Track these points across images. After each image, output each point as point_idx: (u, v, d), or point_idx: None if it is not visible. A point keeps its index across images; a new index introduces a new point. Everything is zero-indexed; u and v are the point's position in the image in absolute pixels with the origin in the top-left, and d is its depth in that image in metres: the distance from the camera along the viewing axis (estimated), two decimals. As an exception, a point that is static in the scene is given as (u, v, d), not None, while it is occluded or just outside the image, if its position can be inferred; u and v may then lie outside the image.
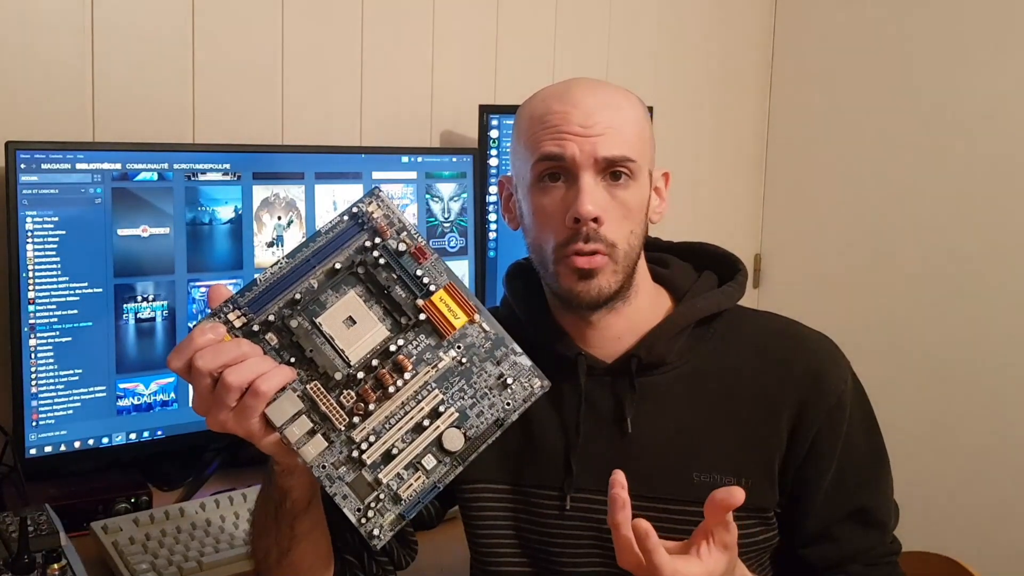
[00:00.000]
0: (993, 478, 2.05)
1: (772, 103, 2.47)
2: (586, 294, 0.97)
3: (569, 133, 0.96)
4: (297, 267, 0.84)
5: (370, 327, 0.84)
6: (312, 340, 0.83)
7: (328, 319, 0.84)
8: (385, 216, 0.85)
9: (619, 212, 0.97)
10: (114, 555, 1.16)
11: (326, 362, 0.83)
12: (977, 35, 2.06)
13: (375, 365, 0.83)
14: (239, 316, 0.82)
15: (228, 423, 0.80)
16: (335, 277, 0.84)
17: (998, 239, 2.05)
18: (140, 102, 1.49)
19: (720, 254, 1.11)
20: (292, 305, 0.83)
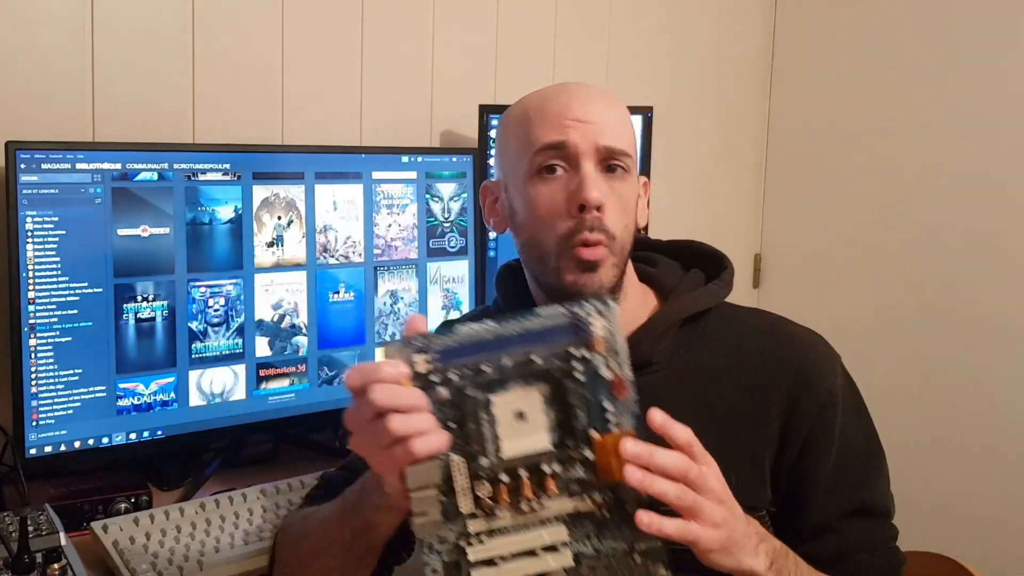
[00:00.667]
0: (993, 478, 2.05)
1: (772, 103, 2.47)
2: (589, 287, 0.96)
3: (571, 120, 0.96)
4: (500, 338, 0.81)
5: (536, 431, 0.81)
6: (478, 416, 0.81)
7: (502, 403, 0.81)
8: (605, 335, 0.82)
9: (617, 204, 0.97)
10: (114, 555, 1.16)
11: (480, 444, 0.80)
12: (977, 35, 2.06)
13: (520, 474, 0.80)
14: (426, 363, 0.80)
15: (370, 453, 0.80)
16: (528, 367, 0.82)
17: (998, 239, 2.05)
18: (140, 102, 1.49)
19: (708, 252, 1.11)
20: (477, 374, 0.81)
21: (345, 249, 1.54)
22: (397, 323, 1.60)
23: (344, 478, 1.08)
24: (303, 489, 1.31)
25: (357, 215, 1.55)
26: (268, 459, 1.54)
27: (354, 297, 1.55)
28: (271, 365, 1.48)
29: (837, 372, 1.02)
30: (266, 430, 1.52)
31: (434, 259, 1.64)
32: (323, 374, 1.53)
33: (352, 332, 1.55)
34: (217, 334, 1.42)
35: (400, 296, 1.60)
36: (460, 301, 1.67)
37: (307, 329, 1.50)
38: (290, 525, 1.06)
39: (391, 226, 1.58)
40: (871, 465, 1.04)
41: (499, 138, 1.06)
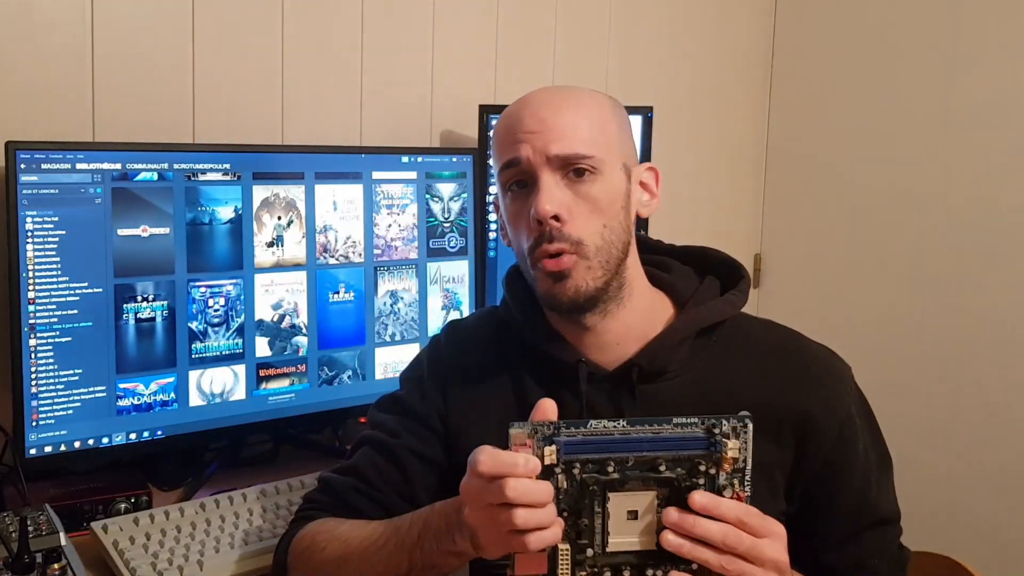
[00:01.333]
0: (993, 478, 2.05)
1: (772, 103, 2.47)
2: (563, 295, 0.97)
3: (523, 133, 0.97)
4: (628, 440, 0.83)
5: (646, 532, 0.83)
6: (592, 507, 0.82)
7: (618, 500, 0.83)
8: (736, 455, 0.83)
9: (585, 208, 0.97)
10: (114, 555, 1.16)
11: (589, 533, 0.82)
12: (977, 35, 2.06)
13: (622, 572, 0.83)
14: (552, 455, 0.82)
15: (484, 531, 0.82)
16: (650, 470, 0.83)
17: (998, 239, 2.05)
18: (140, 102, 1.49)
19: (722, 259, 1.10)
20: (601, 472, 0.82)
21: (345, 249, 1.54)
22: (397, 323, 1.60)
23: (348, 483, 1.07)
24: (303, 489, 1.31)
25: (357, 215, 1.55)
26: (268, 459, 1.55)
27: (354, 297, 1.55)
28: (271, 365, 1.48)
29: (852, 390, 1.02)
30: (266, 430, 1.52)
31: (434, 259, 1.64)
32: (323, 374, 1.53)
33: (352, 332, 1.55)
34: (217, 334, 1.42)
35: (400, 296, 1.60)
36: (460, 301, 1.67)
37: (307, 329, 1.50)
38: (317, 544, 1.02)
39: (391, 226, 1.58)
40: (884, 475, 1.05)
41: None
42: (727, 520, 0.81)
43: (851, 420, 1.00)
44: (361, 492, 1.06)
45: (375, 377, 1.58)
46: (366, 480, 1.06)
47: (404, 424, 1.08)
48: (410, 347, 1.61)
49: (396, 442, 1.07)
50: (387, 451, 1.07)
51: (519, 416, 0.86)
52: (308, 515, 1.07)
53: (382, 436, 1.08)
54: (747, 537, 0.81)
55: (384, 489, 1.06)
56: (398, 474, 1.06)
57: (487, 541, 0.82)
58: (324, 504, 1.08)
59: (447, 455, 1.07)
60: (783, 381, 1.00)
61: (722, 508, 0.81)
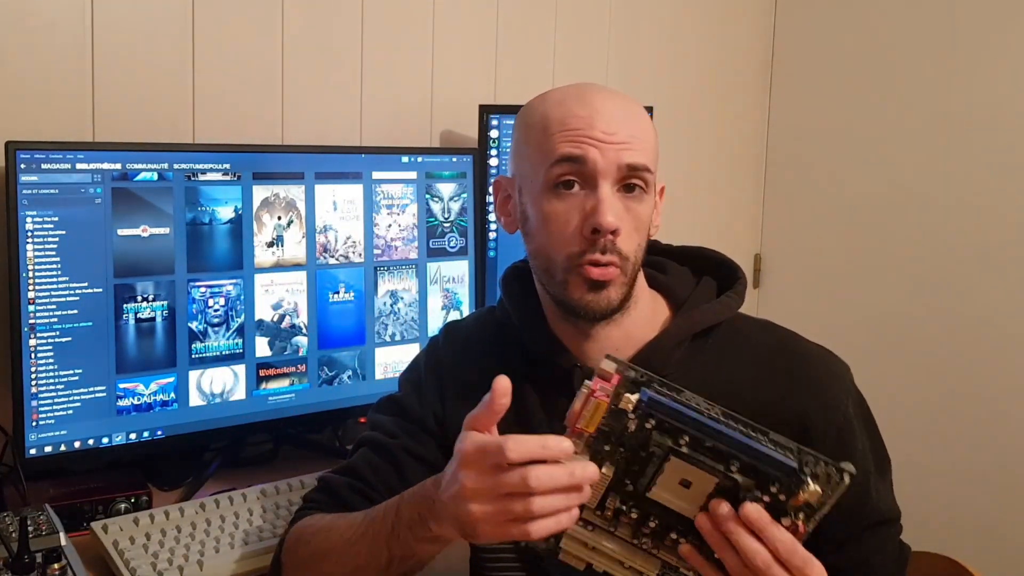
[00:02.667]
0: (993, 478, 2.05)
1: (772, 103, 2.47)
2: (595, 305, 0.96)
3: (591, 138, 0.93)
4: (714, 427, 0.79)
5: (691, 501, 0.80)
6: (649, 459, 0.80)
7: (677, 466, 0.79)
8: (811, 498, 0.79)
9: (632, 224, 0.96)
10: (114, 555, 1.16)
11: (634, 474, 0.80)
12: (977, 35, 2.06)
13: (650, 513, 0.81)
14: (630, 403, 0.79)
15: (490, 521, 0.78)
16: (721, 464, 0.79)
17: (998, 239, 2.05)
18: (140, 102, 1.49)
19: (719, 260, 1.10)
20: (674, 440, 0.79)
21: (345, 249, 1.54)
22: (397, 323, 1.60)
23: (345, 482, 1.07)
24: (303, 489, 1.31)
25: (357, 215, 1.55)
26: (268, 459, 1.55)
27: (354, 297, 1.55)
28: (271, 365, 1.48)
29: (851, 391, 1.02)
30: (266, 430, 1.52)
31: (434, 259, 1.64)
32: (323, 374, 1.53)
33: (352, 332, 1.55)
34: (217, 334, 1.42)
35: (400, 296, 1.60)
36: (460, 301, 1.67)
37: (307, 329, 1.50)
38: (302, 538, 1.03)
39: (391, 226, 1.58)
40: (883, 475, 1.04)
41: (516, 136, 1.03)
42: (769, 545, 0.78)
43: (849, 421, 1.00)
44: (357, 491, 1.06)
45: (375, 377, 1.58)
46: (363, 479, 1.06)
47: (402, 426, 1.08)
48: (410, 347, 1.61)
49: (394, 442, 1.07)
50: (385, 451, 1.07)
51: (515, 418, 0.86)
52: (305, 515, 1.08)
53: (380, 437, 1.08)
54: (779, 569, 0.78)
55: (380, 489, 1.06)
56: (395, 474, 1.06)
57: (487, 531, 0.79)
58: (322, 503, 1.08)
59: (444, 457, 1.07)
60: (781, 383, 0.99)
61: (769, 531, 0.78)
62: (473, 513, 0.78)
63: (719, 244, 1.13)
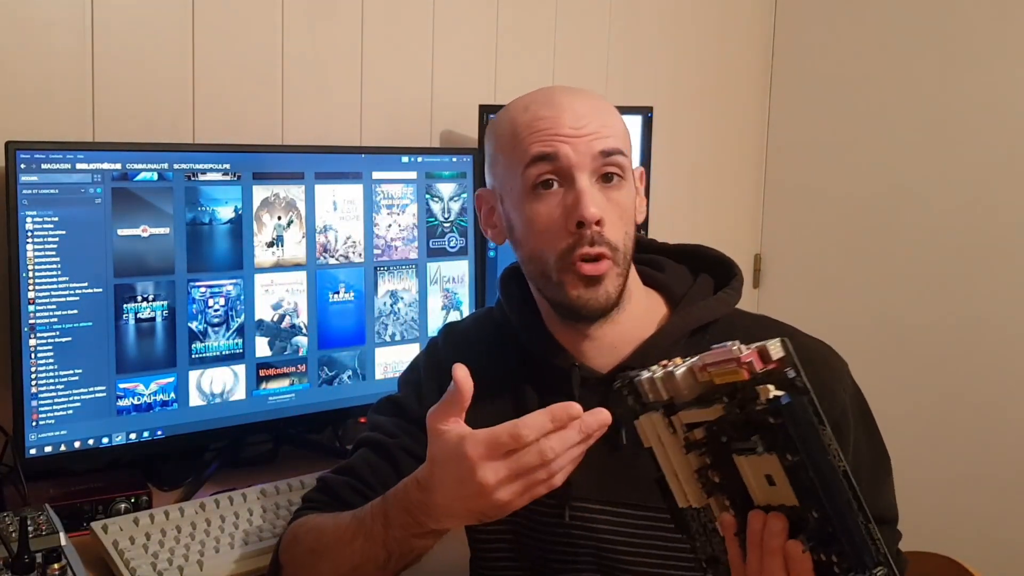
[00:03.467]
0: (993, 478, 2.05)
1: (772, 103, 2.47)
2: (595, 301, 0.96)
3: (560, 135, 0.95)
4: (832, 482, 0.74)
5: (761, 493, 0.77)
6: (755, 441, 0.75)
7: (774, 462, 0.74)
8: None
9: (615, 213, 0.96)
10: (114, 555, 1.16)
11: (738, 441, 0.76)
12: (977, 35, 2.06)
13: (729, 477, 0.78)
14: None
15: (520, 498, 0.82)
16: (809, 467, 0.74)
17: (998, 239, 2.05)
18: (140, 102, 1.49)
19: (715, 257, 1.10)
20: (795, 450, 0.73)
21: (345, 249, 1.54)
22: (397, 323, 1.60)
23: (344, 482, 1.07)
24: (303, 489, 1.31)
25: (357, 215, 1.55)
26: (268, 459, 1.54)
27: (354, 297, 1.55)
28: (271, 365, 1.48)
29: (847, 386, 1.01)
30: (266, 430, 1.52)
31: (434, 259, 1.64)
32: (323, 374, 1.53)
33: (352, 332, 1.55)
34: (217, 334, 1.42)
35: (400, 296, 1.60)
36: (460, 301, 1.67)
37: (307, 329, 1.50)
38: (298, 537, 1.03)
39: (391, 226, 1.58)
40: (880, 474, 1.04)
41: (488, 149, 1.04)
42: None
43: (845, 416, 0.99)
44: (356, 490, 1.06)
45: (375, 377, 1.58)
46: (362, 480, 1.06)
47: (401, 426, 1.09)
48: (410, 347, 1.61)
49: (393, 442, 1.07)
50: (384, 451, 1.07)
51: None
52: (303, 514, 1.08)
53: (380, 437, 1.08)
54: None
55: (379, 489, 1.05)
56: (394, 474, 1.06)
57: (516, 504, 0.82)
58: (321, 503, 1.08)
59: None
60: None
61: (798, 569, 0.75)
62: (501, 499, 0.81)
63: (719, 244, 1.13)
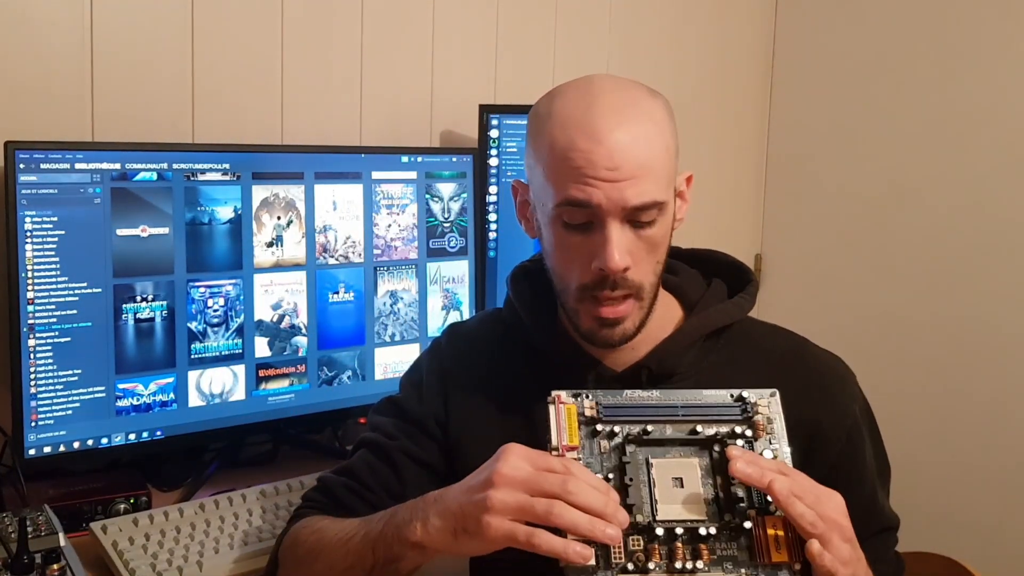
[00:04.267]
0: (993, 478, 2.05)
1: (772, 103, 2.47)
2: (609, 338, 0.96)
3: (595, 178, 0.90)
4: (666, 407, 0.85)
5: (693, 500, 0.82)
6: (637, 474, 0.83)
7: (661, 467, 0.83)
8: (768, 421, 0.85)
9: (645, 251, 0.94)
10: (113, 555, 1.16)
11: (637, 500, 0.82)
12: (978, 36, 2.06)
13: (677, 534, 0.81)
14: (592, 407, 0.84)
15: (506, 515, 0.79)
16: (691, 437, 0.84)
17: (998, 239, 2.05)
18: (140, 102, 1.49)
19: (729, 262, 1.10)
20: (641, 436, 0.84)
21: (345, 249, 1.54)
22: (397, 323, 1.60)
23: (342, 483, 1.07)
24: (303, 490, 1.31)
25: (357, 215, 1.54)
26: (267, 460, 1.54)
27: (354, 297, 1.55)
28: (271, 365, 1.48)
29: (857, 397, 1.02)
30: (265, 431, 1.52)
31: (434, 259, 1.64)
32: (323, 374, 1.53)
33: (352, 332, 1.55)
34: (216, 334, 1.42)
35: (400, 296, 1.60)
36: (460, 301, 1.67)
37: (307, 329, 1.50)
38: (300, 538, 1.03)
39: (391, 226, 1.58)
40: (884, 484, 1.04)
41: (526, 144, 1.00)
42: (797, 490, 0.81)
43: (857, 427, 0.99)
44: (354, 491, 1.06)
45: (375, 377, 1.58)
46: (360, 481, 1.06)
47: (401, 428, 1.08)
48: (410, 347, 1.61)
49: (392, 444, 1.07)
50: (383, 453, 1.07)
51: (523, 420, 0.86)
52: (302, 513, 1.08)
53: (379, 438, 1.08)
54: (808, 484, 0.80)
55: (377, 490, 1.05)
56: (392, 476, 1.06)
57: (492, 523, 0.78)
58: (319, 503, 1.08)
59: (446, 460, 1.07)
60: (790, 388, 0.97)
61: (762, 462, 0.81)
62: (490, 499, 0.79)
63: (720, 244, 1.14)
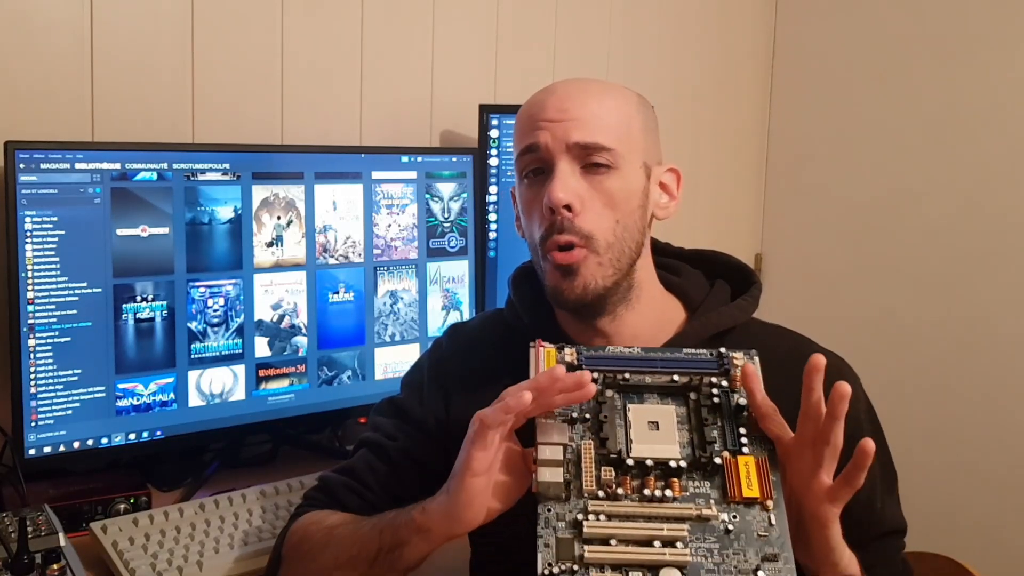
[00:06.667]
0: (993, 478, 2.05)
1: (772, 103, 2.47)
2: (571, 291, 0.96)
3: (544, 120, 0.96)
4: (646, 360, 0.88)
5: (667, 442, 0.84)
6: (612, 414, 0.85)
7: (637, 412, 0.85)
8: (745, 375, 0.87)
9: (599, 201, 0.95)
10: (113, 555, 1.16)
11: (611, 436, 0.84)
12: (977, 34, 2.06)
13: (649, 467, 0.82)
14: (572, 354, 0.88)
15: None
16: (668, 385, 0.87)
17: (998, 239, 2.05)
18: (140, 102, 1.49)
19: (733, 263, 1.10)
20: (618, 382, 0.86)
21: (345, 249, 1.54)
22: (397, 323, 1.60)
23: (343, 482, 1.07)
24: (302, 490, 1.30)
25: (357, 215, 1.54)
26: (267, 460, 1.54)
27: (354, 297, 1.55)
28: (270, 365, 1.47)
29: (861, 399, 1.02)
30: (265, 431, 1.52)
31: (434, 259, 1.64)
32: (323, 374, 1.53)
33: (352, 332, 1.55)
34: (216, 334, 1.42)
35: (400, 296, 1.60)
36: (460, 301, 1.67)
37: (307, 329, 1.50)
38: (308, 533, 1.03)
39: (391, 226, 1.58)
40: (889, 487, 1.04)
41: None
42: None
43: (861, 427, 0.99)
44: (354, 491, 1.06)
45: (375, 377, 1.58)
46: (360, 480, 1.06)
47: (402, 428, 1.08)
48: (410, 347, 1.61)
49: (393, 444, 1.07)
50: (383, 453, 1.07)
51: None
52: (303, 511, 1.08)
53: (380, 438, 1.08)
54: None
55: (377, 490, 1.05)
56: (393, 477, 1.06)
57: (487, 417, 0.82)
58: (319, 501, 1.08)
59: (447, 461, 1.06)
60: (793, 389, 0.97)
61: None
62: (482, 414, 0.82)
63: (720, 244, 1.14)
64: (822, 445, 0.82)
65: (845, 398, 0.81)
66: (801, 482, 0.84)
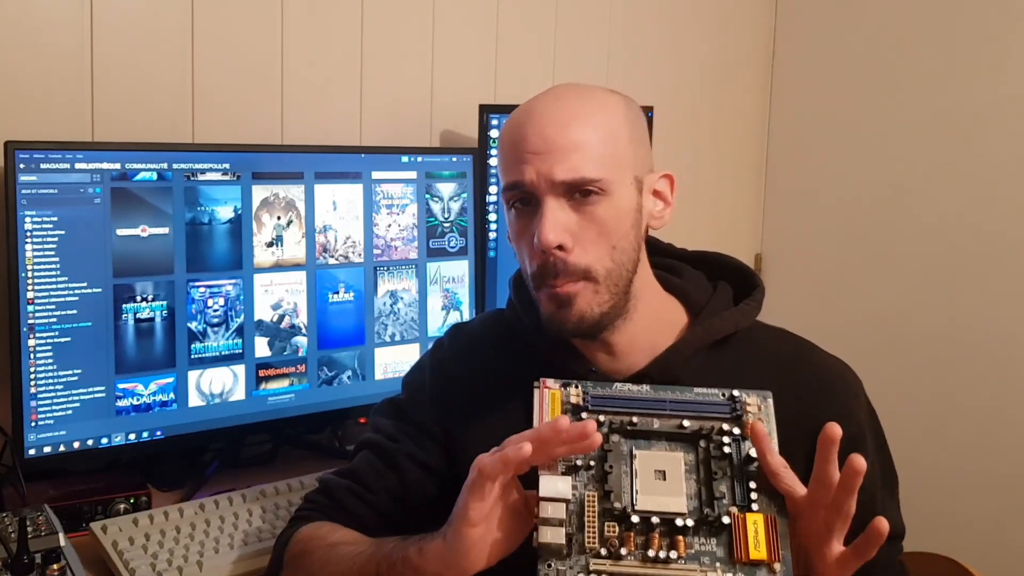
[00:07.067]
0: (993, 479, 2.05)
1: (772, 103, 2.47)
2: (567, 322, 0.94)
3: (527, 153, 0.92)
4: (655, 401, 0.86)
5: (674, 493, 0.82)
6: (619, 462, 0.83)
7: (644, 459, 0.83)
8: (759, 421, 0.85)
9: (591, 232, 0.93)
10: (113, 555, 1.16)
11: (616, 487, 0.82)
12: (977, 35, 2.06)
13: (654, 524, 0.80)
14: (579, 395, 0.86)
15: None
16: (677, 431, 0.85)
17: (998, 239, 2.05)
18: (140, 102, 1.49)
19: (736, 266, 1.09)
20: (625, 427, 0.84)
21: (345, 249, 1.54)
22: (397, 323, 1.60)
23: (345, 485, 1.07)
24: (302, 490, 1.31)
25: (357, 215, 1.54)
26: (267, 460, 1.54)
27: (354, 297, 1.55)
28: (270, 365, 1.47)
29: (862, 403, 1.01)
30: (265, 431, 1.52)
31: (434, 259, 1.64)
32: (323, 374, 1.53)
33: (352, 332, 1.55)
34: (216, 334, 1.42)
35: (400, 296, 1.60)
36: (460, 301, 1.67)
37: (307, 329, 1.50)
38: (309, 548, 1.01)
39: (391, 226, 1.58)
40: (890, 492, 1.04)
41: None
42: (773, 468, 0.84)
43: (861, 431, 0.99)
44: (356, 494, 1.05)
45: (375, 377, 1.58)
46: (362, 483, 1.06)
47: (403, 430, 1.08)
48: (410, 347, 1.61)
49: (394, 446, 1.06)
50: (385, 455, 1.07)
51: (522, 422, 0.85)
52: (304, 515, 1.07)
53: (381, 440, 1.08)
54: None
55: (378, 492, 1.05)
56: (395, 479, 1.05)
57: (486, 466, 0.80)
58: (320, 505, 1.08)
59: (448, 463, 1.06)
60: (796, 393, 0.97)
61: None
62: (480, 462, 0.80)
63: (719, 244, 1.13)
64: (834, 514, 0.82)
65: (860, 473, 0.80)
66: (811, 542, 0.83)
